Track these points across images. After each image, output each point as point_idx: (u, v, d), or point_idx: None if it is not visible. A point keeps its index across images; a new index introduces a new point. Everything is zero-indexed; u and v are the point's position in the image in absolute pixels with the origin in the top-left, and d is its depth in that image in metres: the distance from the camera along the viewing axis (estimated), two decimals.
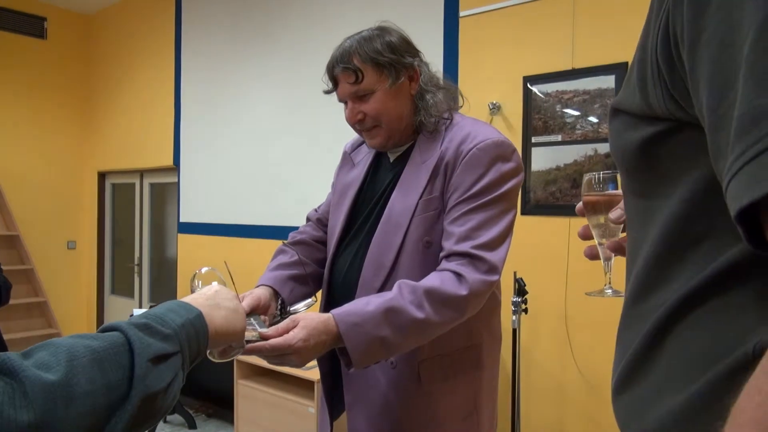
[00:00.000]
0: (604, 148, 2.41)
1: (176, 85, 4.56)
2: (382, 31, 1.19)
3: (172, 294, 4.63)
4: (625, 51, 2.35)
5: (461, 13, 2.84)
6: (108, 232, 5.54)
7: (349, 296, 1.15)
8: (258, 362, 3.23)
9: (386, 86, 1.16)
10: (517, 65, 2.66)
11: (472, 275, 1.06)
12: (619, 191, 0.77)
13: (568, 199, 2.50)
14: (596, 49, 2.43)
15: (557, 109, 2.54)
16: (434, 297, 1.04)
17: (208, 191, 4.31)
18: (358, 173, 1.32)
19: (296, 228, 1.48)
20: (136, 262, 5.20)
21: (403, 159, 1.24)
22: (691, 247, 0.43)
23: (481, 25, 2.78)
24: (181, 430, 3.72)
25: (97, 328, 0.62)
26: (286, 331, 0.96)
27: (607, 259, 0.80)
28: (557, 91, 2.53)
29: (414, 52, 1.22)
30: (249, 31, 3.98)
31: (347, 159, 1.39)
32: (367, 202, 1.27)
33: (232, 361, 3.33)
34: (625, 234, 0.78)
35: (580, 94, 2.47)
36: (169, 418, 3.77)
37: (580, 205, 0.81)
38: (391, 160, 1.28)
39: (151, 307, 4.45)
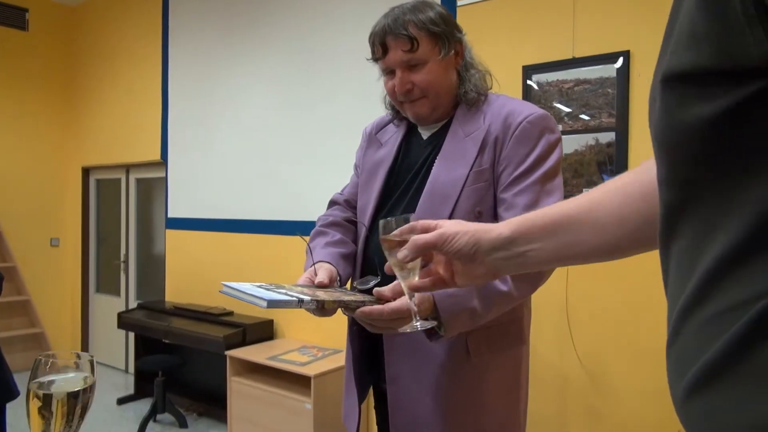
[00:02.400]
0: (604, 137, 2.39)
1: (163, 78, 4.47)
2: (425, 3, 1.21)
3: (160, 291, 4.54)
4: (628, 39, 2.33)
5: (459, 3, 2.80)
6: (92, 229, 5.42)
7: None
8: (252, 358, 3.17)
9: (439, 58, 1.18)
10: (516, 55, 2.63)
11: None
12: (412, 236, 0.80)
13: (569, 189, 2.48)
14: (598, 37, 2.41)
15: (557, 99, 2.52)
16: None
17: (197, 186, 4.23)
18: (388, 151, 1.31)
19: (287, 222, 1.44)
20: (122, 259, 5.09)
21: (440, 135, 1.24)
22: None
23: (479, 15, 2.75)
24: (172, 429, 3.64)
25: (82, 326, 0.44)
26: (400, 294, 0.94)
27: (412, 297, 0.89)
28: (557, 80, 2.51)
29: (459, 27, 1.24)
30: (238, 23, 3.91)
31: (373, 139, 1.38)
32: (402, 178, 1.26)
33: (225, 357, 3.27)
34: (425, 268, 0.85)
35: (581, 84, 2.45)
36: (159, 417, 3.69)
37: (388, 264, 0.86)
38: (425, 137, 1.28)
39: (138, 305, 4.35)
